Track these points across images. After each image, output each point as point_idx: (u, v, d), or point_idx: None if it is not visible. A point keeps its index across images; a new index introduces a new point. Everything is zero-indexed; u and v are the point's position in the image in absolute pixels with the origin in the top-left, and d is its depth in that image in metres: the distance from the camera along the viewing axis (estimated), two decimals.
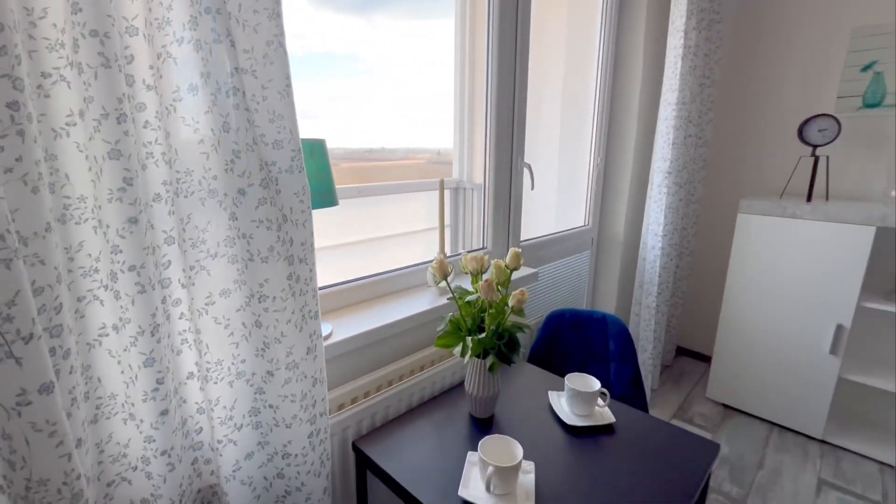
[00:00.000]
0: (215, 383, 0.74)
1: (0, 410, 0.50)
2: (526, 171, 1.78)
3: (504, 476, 0.82)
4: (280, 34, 0.68)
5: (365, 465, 0.99)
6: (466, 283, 1.35)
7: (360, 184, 1.36)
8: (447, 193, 1.64)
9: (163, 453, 0.70)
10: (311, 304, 0.78)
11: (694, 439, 1.02)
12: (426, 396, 1.20)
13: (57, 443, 0.52)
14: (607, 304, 2.41)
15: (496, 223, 1.66)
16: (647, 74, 2.14)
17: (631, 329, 2.32)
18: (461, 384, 1.27)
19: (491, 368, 1.02)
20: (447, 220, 1.62)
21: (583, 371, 1.50)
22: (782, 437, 2.06)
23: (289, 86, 0.71)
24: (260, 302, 0.72)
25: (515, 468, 0.82)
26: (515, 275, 1.51)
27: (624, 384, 1.38)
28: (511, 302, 0.97)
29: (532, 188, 1.84)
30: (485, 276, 1.00)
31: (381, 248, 1.57)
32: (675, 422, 2.16)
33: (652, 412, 2.24)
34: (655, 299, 2.20)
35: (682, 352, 2.86)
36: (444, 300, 1.32)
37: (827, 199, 2.09)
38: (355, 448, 0.99)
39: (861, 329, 2.07)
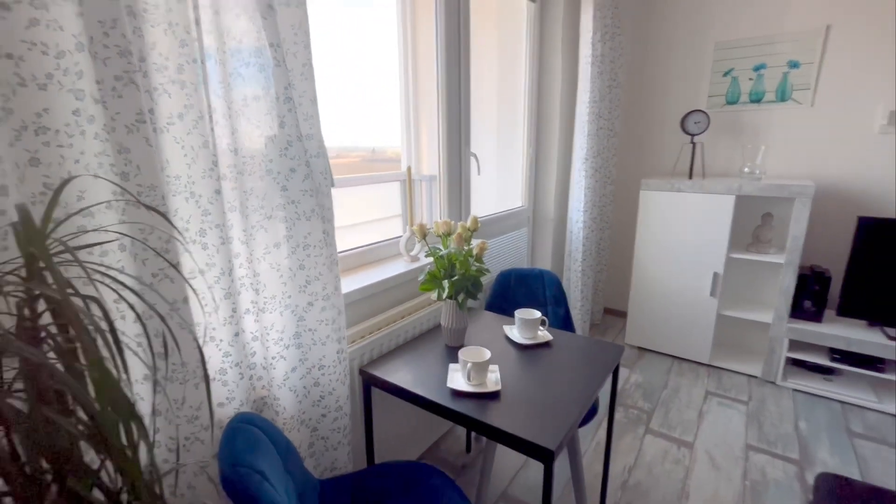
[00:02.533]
0: (270, 313, 1.01)
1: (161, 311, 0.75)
2: (473, 159, 2.13)
3: (478, 369, 1.16)
4: (310, 58, 0.96)
5: (370, 384, 1.29)
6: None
7: None
8: (398, 185, 1.89)
9: (236, 365, 0.96)
10: (334, 254, 1.07)
11: (606, 345, 1.43)
12: (410, 337, 1.51)
13: (195, 337, 0.78)
14: None
15: (451, 204, 2.00)
16: (565, 78, 2.59)
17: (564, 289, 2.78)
18: (436, 328, 1.60)
19: (461, 304, 1.36)
20: (398, 211, 1.90)
21: None
22: (680, 365, 2.62)
23: (315, 95, 0.99)
24: (304, 250, 1.00)
25: (486, 363, 1.17)
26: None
27: (558, 320, 1.79)
28: (474, 251, 1.31)
29: (479, 174, 2.20)
30: (453, 237, 1.34)
31: (339, 238, 1.65)
32: None
33: None
34: (581, 264, 2.66)
35: (608, 311, 3.39)
36: (414, 266, 1.64)
37: (703, 176, 2.67)
38: (362, 372, 1.29)
39: (730, 274, 2.68)
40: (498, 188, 2.74)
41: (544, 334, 1.48)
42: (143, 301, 0.64)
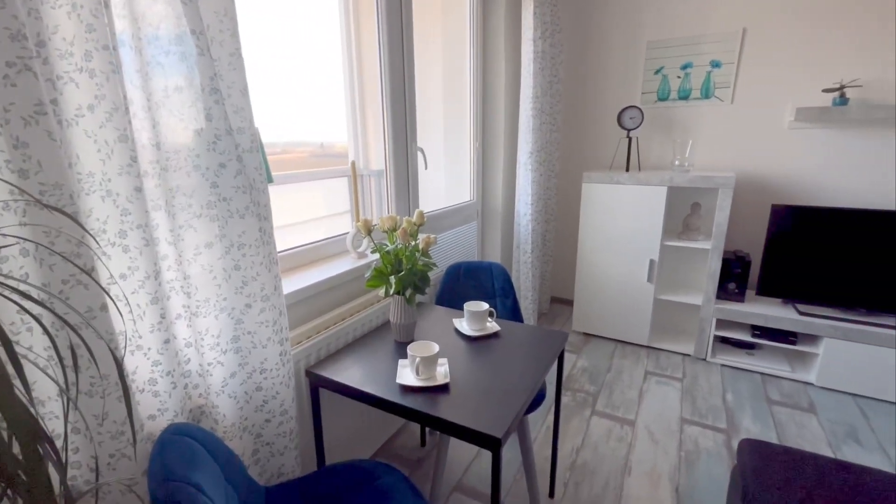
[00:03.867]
0: (204, 317, 0.95)
1: (73, 321, 0.69)
2: (420, 154, 2.13)
3: (427, 363, 1.17)
4: (238, 47, 0.91)
5: (318, 385, 1.26)
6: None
7: None
8: (345, 181, 1.86)
9: (168, 374, 0.90)
10: (273, 253, 1.03)
11: (551, 333, 1.48)
12: (359, 334, 1.49)
13: (114, 347, 0.72)
14: None
15: (399, 200, 1.98)
16: (509, 74, 2.63)
17: (513, 280, 2.85)
18: (386, 324, 1.59)
19: (409, 300, 1.35)
20: (347, 207, 1.87)
21: None
22: (623, 348, 2.77)
23: (245, 86, 0.94)
24: (239, 249, 0.95)
25: (435, 357, 1.18)
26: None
27: (507, 311, 1.83)
28: (421, 245, 1.31)
29: (426, 168, 2.20)
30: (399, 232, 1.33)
31: (281, 237, 1.53)
32: None
33: None
34: (530, 256, 2.74)
35: (555, 300, 3.51)
36: (362, 262, 1.62)
37: (639, 169, 2.83)
38: (308, 373, 1.26)
39: (665, 261, 2.86)
40: (447, 183, 2.75)
41: (493, 325, 1.51)
42: (50, 311, 0.59)
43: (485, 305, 1.49)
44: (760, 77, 2.50)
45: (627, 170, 2.73)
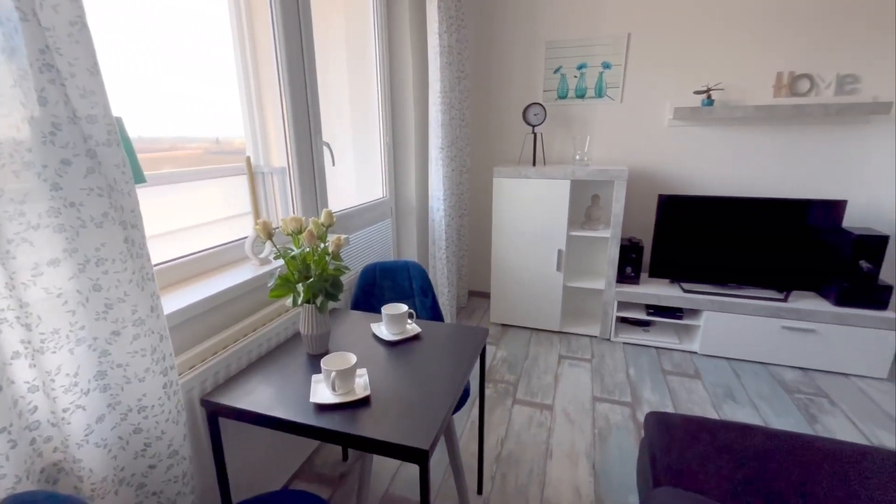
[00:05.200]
0: (53, 353, 0.76)
1: None
2: (326, 149, 1.98)
3: (344, 377, 1.07)
4: (82, 14, 0.73)
5: (217, 415, 1.10)
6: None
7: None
8: (245, 179, 1.68)
9: (2, 430, 0.70)
10: (147, 267, 0.86)
11: (472, 330, 1.46)
12: (265, 350, 1.34)
13: None
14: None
15: (305, 198, 1.83)
16: (417, 67, 2.58)
17: (430, 277, 2.82)
18: (295, 336, 1.44)
19: (321, 308, 1.24)
20: (248, 208, 1.68)
21: None
22: (537, 335, 2.89)
23: (95, 64, 0.76)
24: (98, 266, 0.77)
25: (352, 369, 1.09)
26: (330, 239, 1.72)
27: (426, 310, 1.79)
28: (331, 248, 1.20)
29: (333, 164, 2.06)
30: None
31: (177, 242, 1.40)
32: None
33: None
34: (445, 252, 2.73)
35: (473, 293, 3.56)
36: (264, 269, 1.46)
37: (544, 163, 2.96)
38: (205, 402, 1.09)
39: (571, 250, 3.04)
40: (358, 180, 2.62)
41: (413, 327, 1.45)
42: None
43: (403, 307, 1.43)
44: (644, 79, 2.75)
45: (534, 164, 2.84)
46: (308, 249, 1.18)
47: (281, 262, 1.48)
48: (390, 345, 1.37)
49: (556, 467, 1.75)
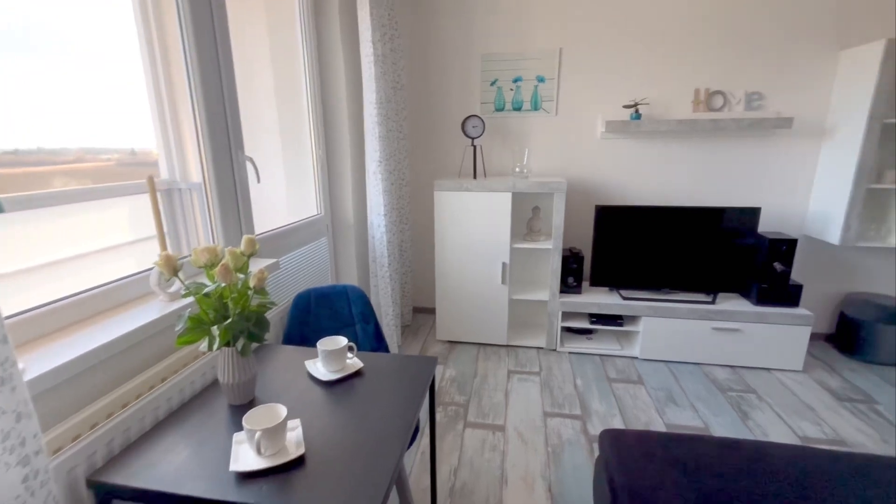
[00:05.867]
0: None
1: None
2: (249, 164, 1.79)
3: (271, 436, 0.91)
4: None
5: (109, 499, 0.89)
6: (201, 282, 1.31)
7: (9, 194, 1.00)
8: (158, 196, 1.47)
9: None
10: None
11: (419, 360, 1.35)
12: (176, 405, 1.13)
13: None
14: (350, 280, 2.68)
15: (225, 219, 1.63)
16: (350, 77, 2.44)
17: (372, 298, 2.67)
18: (215, 383, 1.25)
19: (243, 351, 1.06)
20: (164, 228, 1.47)
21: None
22: (485, 350, 2.83)
23: None
24: None
25: (281, 426, 0.93)
26: (256, 265, 1.54)
27: (369, 339, 1.65)
28: (252, 283, 1.04)
29: (258, 181, 1.86)
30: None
31: (78, 270, 1.23)
32: None
33: None
34: (388, 269, 2.59)
35: (418, 310, 3.44)
36: (175, 305, 1.25)
37: (485, 175, 2.93)
38: (92, 484, 0.88)
39: (515, 262, 3.03)
40: (290, 196, 2.42)
41: (354, 362, 1.31)
42: None
43: (343, 341, 1.28)
44: (577, 92, 2.81)
45: (475, 177, 2.80)
46: (224, 285, 1.01)
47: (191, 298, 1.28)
48: (328, 385, 1.22)
49: (512, 494, 1.67)
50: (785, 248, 2.50)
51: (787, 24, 2.51)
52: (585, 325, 2.76)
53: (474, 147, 2.80)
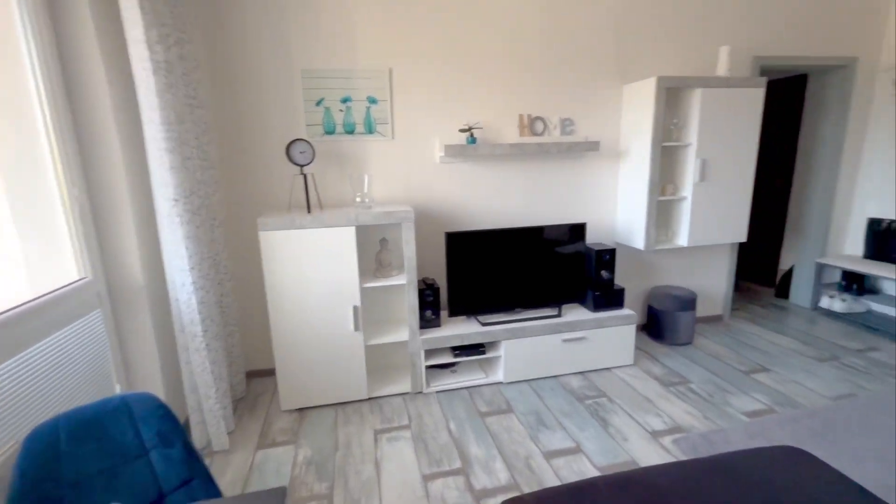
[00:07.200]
0: None
1: None
2: None
3: None
4: None
5: None
6: None
7: None
8: None
9: None
10: None
11: (259, 496, 0.93)
12: None
13: None
14: (149, 370, 1.97)
15: None
16: (119, 89, 1.79)
17: (185, 381, 2.01)
18: None
19: None
20: None
21: (110, 494, 1.09)
22: (345, 411, 2.42)
23: None
24: None
25: None
26: None
27: (177, 469, 1.11)
28: None
29: None
30: None
31: None
32: (260, 452, 2.08)
33: (235, 455, 2.06)
34: (203, 338, 1.98)
35: (253, 374, 2.80)
36: None
37: (321, 208, 2.54)
38: None
39: (367, 304, 2.70)
40: (28, 259, 1.64)
41: None
42: None
43: None
44: (412, 115, 2.67)
45: (309, 210, 2.39)
46: None
47: None
48: None
49: None
50: (608, 257, 2.78)
51: (584, 59, 2.83)
52: (449, 359, 2.60)
53: (304, 175, 2.39)
